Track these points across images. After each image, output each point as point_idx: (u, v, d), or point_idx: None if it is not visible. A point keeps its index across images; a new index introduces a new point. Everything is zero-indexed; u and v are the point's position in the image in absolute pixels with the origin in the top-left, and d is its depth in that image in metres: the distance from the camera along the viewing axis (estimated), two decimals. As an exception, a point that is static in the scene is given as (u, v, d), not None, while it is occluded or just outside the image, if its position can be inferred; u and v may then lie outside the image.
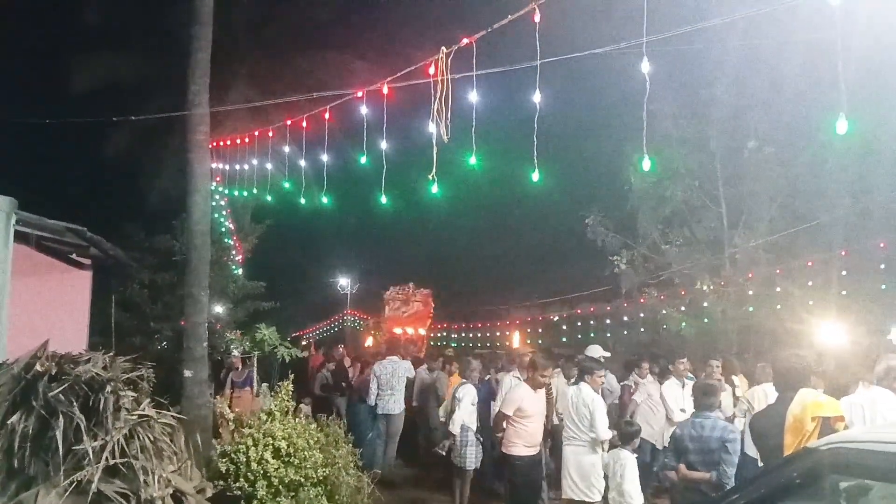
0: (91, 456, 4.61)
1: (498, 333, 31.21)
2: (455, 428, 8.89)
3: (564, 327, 29.56)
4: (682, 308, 21.24)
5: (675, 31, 5.91)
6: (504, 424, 7.78)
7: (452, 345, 26.63)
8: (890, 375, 5.62)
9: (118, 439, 4.78)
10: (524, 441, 7.74)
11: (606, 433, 7.49)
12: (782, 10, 6.06)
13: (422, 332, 23.36)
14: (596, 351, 10.29)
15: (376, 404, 11.14)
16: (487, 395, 10.14)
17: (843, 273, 18.94)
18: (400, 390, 11.26)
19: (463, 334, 31.82)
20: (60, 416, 4.63)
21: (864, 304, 19.41)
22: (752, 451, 7.00)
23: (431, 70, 6.54)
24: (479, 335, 31.78)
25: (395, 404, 11.20)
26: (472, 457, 8.92)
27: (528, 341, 27.79)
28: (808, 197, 18.91)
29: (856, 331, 19.43)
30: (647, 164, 5.95)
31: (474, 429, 8.95)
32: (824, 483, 3.02)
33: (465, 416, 8.91)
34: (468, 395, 9.05)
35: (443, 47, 6.48)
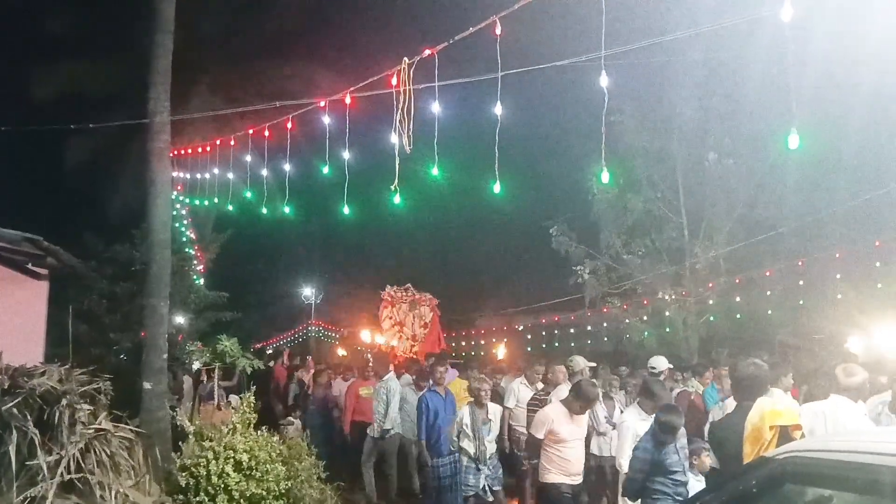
0: (46, 471, 4.52)
1: (463, 343, 31.20)
2: (452, 447, 8.19)
3: (529, 336, 29.63)
4: (645, 317, 21.46)
5: (634, 45, 6.00)
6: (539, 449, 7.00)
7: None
8: (864, 387, 5.71)
9: (74, 454, 4.69)
10: (559, 468, 6.97)
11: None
12: (740, 25, 6.18)
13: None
14: (661, 363, 9.25)
15: (389, 427, 10.17)
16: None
17: (801, 283, 19.30)
18: None
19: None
20: (14, 431, 4.53)
21: (822, 314, 19.83)
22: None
23: (394, 81, 6.55)
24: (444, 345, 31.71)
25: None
26: (465, 482, 7.99)
27: (494, 351, 27.81)
28: (767, 208, 19.27)
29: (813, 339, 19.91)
30: (605, 177, 6.03)
31: (471, 452, 7.95)
32: (781, 492, 3.06)
33: (454, 435, 8.17)
34: (461, 416, 8.21)
35: (405, 58, 6.49)
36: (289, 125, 8.98)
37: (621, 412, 8.57)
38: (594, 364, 9.00)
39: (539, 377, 10.15)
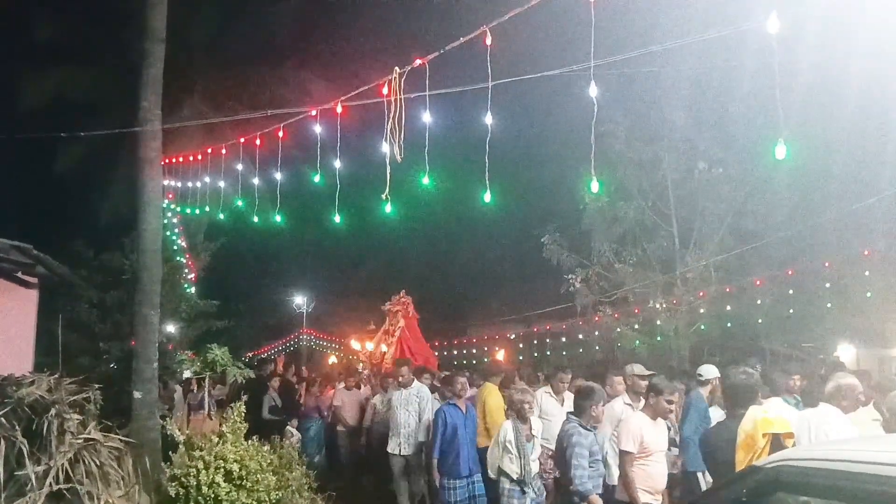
0: (34, 481, 4.49)
1: (455, 352, 31.19)
2: (492, 472, 7.23)
3: (521, 345, 29.66)
4: (636, 326, 21.53)
5: (623, 55, 6.04)
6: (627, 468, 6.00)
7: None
8: (839, 394, 5.73)
9: (62, 464, 4.67)
10: (645, 486, 6.03)
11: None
12: (729, 36, 6.23)
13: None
14: (711, 371, 8.18)
15: (424, 440, 8.80)
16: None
17: (791, 292, 19.40)
18: None
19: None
20: (1, 441, 4.51)
21: (811, 322, 19.95)
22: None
23: (385, 90, 6.57)
24: (437, 353, 31.65)
25: None
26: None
27: (487, 359, 27.77)
28: (756, 217, 19.40)
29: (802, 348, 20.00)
30: (595, 187, 6.05)
31: (515, 473, 6.84)
32: (772, 500, 3.07)
33: (495, 457, 7.23)
34: (503, 432, 7.10)
35: (396, 67, 6.51)
36: (280, 134, 8.97)
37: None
38: (652, 373, 7.82)
39: (565, 386, 9.10)
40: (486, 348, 29.81)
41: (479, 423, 8.58)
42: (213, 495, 6.21)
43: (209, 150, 11.78)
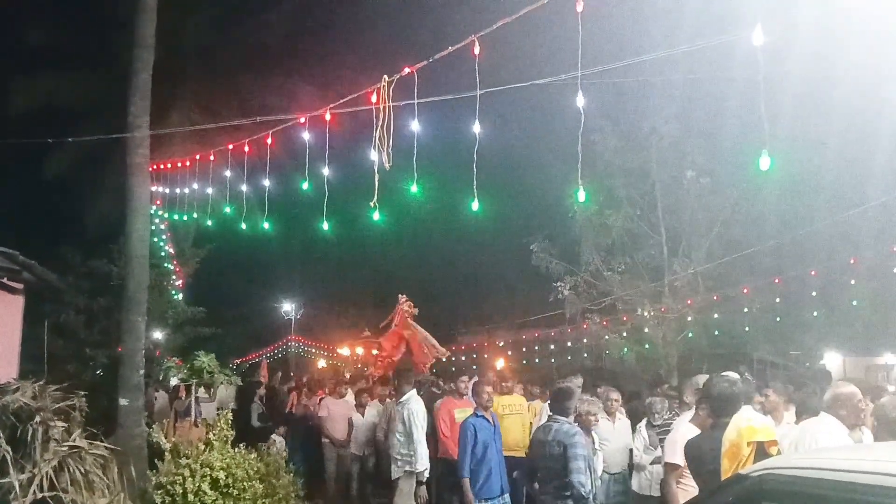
0: (17, 490, 4.46)
1: (443, 359, 31.10)
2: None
3: (510, 352, 29.67)
4: (624, 334, 21.56)
5: (611, 65, 6.08)
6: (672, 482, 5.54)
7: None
8: (836, 403, 5.75)
9: (47, 472, 4.64)
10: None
11: None
12: (717, 46, 6.28)
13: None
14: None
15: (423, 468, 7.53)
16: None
17: (778, 300, 19.49)
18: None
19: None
20: (-15, 449, 4.47)
21: (798, 331, 20.06)
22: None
23: (374, 98, 6.58)
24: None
25: None
26: None
27: (475, 367, 27.71)
28: (744, 226, 19.49)
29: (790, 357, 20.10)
30: (582, 196, 6.08)
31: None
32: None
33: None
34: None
35: (385, 76, 6.54)
36: (268, 141, 8.96)
37: None
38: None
39: (618, 404, 8.45)
40: (474, 355, 29.80)
41: None
42: (199, 503, 6.19)
43: (197, 157, 11.76)
